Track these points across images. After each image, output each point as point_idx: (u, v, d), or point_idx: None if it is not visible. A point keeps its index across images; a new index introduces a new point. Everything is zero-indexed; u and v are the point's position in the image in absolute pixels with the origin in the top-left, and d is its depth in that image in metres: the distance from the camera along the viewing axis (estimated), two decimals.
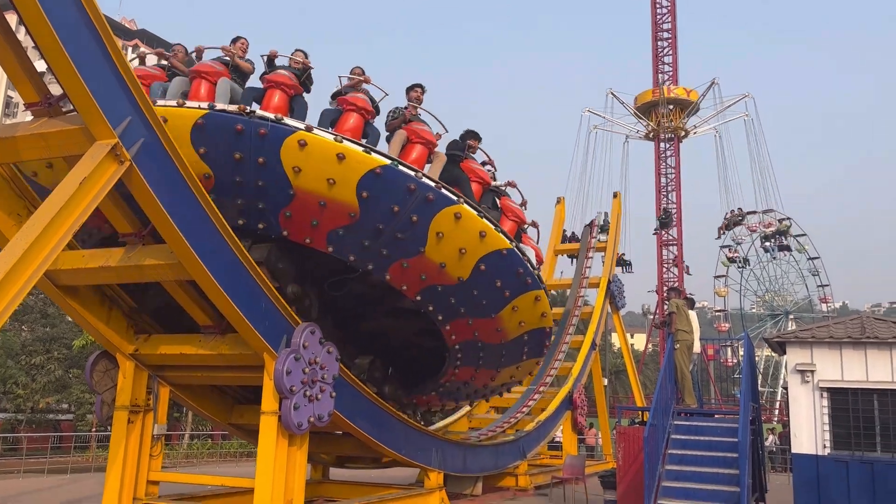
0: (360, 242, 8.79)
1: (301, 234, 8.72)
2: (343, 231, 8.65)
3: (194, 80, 9.20)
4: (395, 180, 8.57)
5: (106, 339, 8.93)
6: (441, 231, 8.86)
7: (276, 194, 8.37)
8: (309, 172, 8.24)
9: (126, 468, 9.19)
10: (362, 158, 8.43)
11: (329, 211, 8.46)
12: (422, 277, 9.19)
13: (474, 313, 9.98)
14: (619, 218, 24.48)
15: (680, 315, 12.83)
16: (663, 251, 49.53)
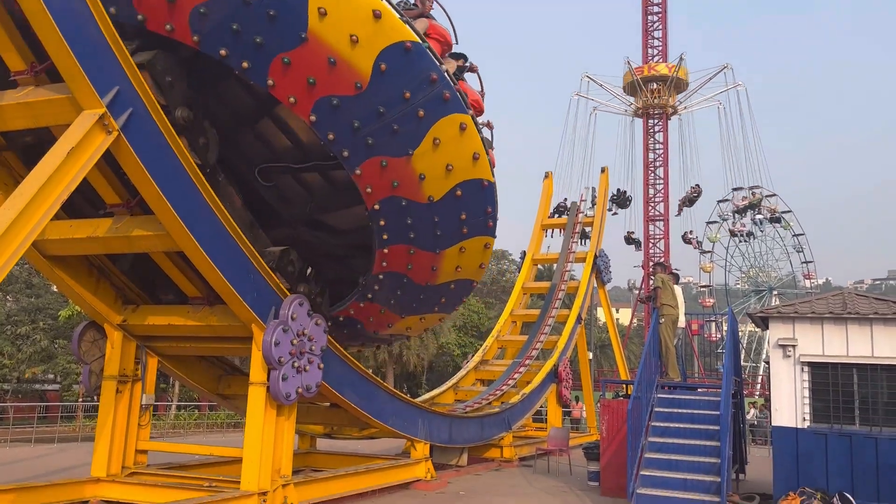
0: (349, 122, 7.66)
1: (289, 89, 7.45)
2: (339, 101, 7.52)
3: None
4: (420, 63, 7.64)
5: (94, 309, 8.93)
6: (439, 138, 7.94)
7: (285, 33, 7.13)
8: (334, 19, 7.11)
9: (115, 437, 9.25)
10: (398, 26, 7.47)
11: (336, 73, 7.31)
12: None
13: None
14: (606, 193, 24.53)
15: (665, 290, 12.96)
16: (650, 226, 49.76)
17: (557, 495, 11.37)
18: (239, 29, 7.05)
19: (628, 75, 50.70)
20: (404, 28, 7.60)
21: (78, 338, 9.31)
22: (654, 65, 49.93)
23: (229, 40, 7.11)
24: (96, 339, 9.40)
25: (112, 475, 9.15)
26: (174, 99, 7.49)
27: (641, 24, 51.67)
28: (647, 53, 51.11)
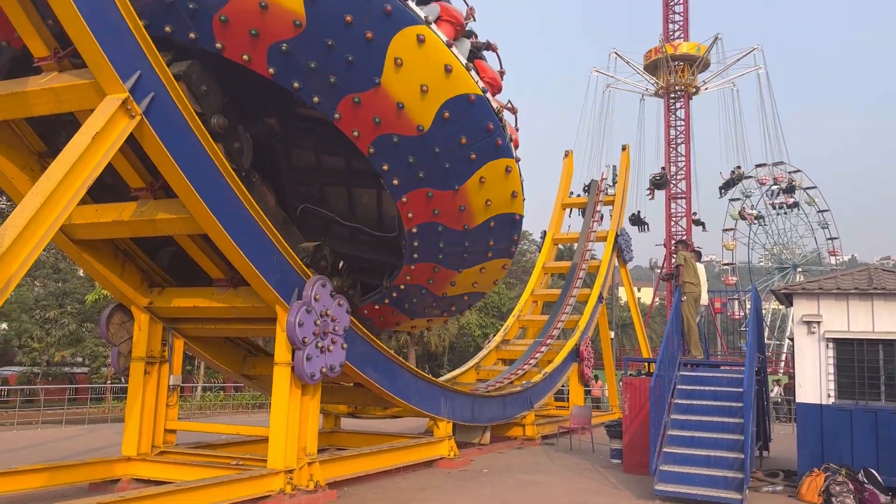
0: (305, 63, 7.47)
1: (238, 48, 7.34)
2: (287, 46, 7.33)
3: None
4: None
5: (121, 292, 9.09)
6: (400, 57, 7.56)
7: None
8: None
9: (144, 417, 9.44)
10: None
11: (271, 16, 7.12)
12: (376, 120, 7.88)
13: (436, 182, 8.64)
14: (627, 171, 24.32)
15: (687, 267, 12.90)
16: (671, 204, 49.32)
17: (580, 473, 11.43)
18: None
19: (650, 54, 50.05)
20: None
21: (106, 320, 9.48)
22: (678, 44, 49.22)
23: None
24: (124, 321, 9.57)
25: (142, 454, 9.35)
26: (209, 107, 7.72)
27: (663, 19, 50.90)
28: (668, 29, 50.39)
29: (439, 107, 7.96)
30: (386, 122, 7.89)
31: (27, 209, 5.51)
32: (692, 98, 50.52)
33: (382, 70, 7.53)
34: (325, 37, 7.30)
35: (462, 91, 8.04)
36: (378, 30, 7.37)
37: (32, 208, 5.51)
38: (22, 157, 7.74)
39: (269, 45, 7.30)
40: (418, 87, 7.77)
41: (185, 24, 7.21)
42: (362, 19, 7.27)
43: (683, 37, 49.98)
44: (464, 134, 8.37)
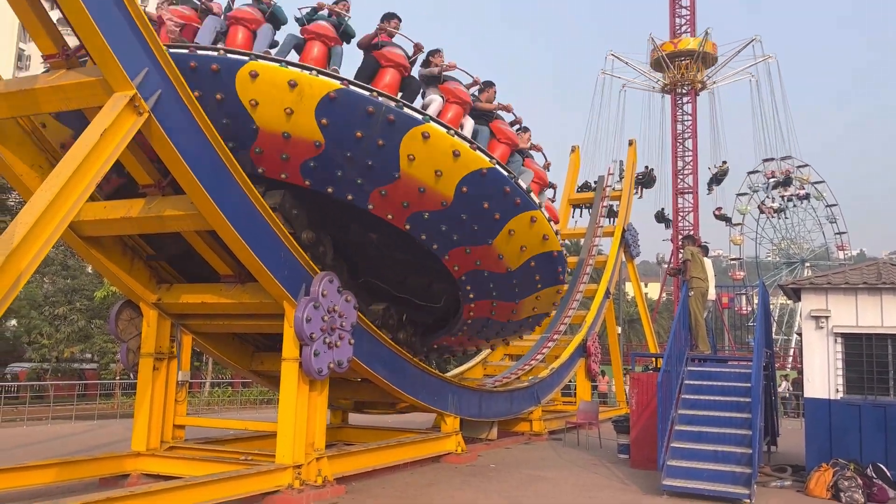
0: (333, 173, 8.57)
1: (276, 170, 8.53)
2: (314, 162, 8.44)
3: (232, 25, 8.90)
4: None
5: (129, 288, 9.13)
6: (411, 153, 8.49)
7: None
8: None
9: (153, 413, 9.50)
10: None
11: (294, 143, 8.26)
12: (404, 204, 8.91)
13: (469, 240, 9.64)
14: (634, 166, 24.28)
15: (695, 262, 12.86)
16: (679, 199, 49.19)
17: (588, 468, 11.44)
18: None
19: (655, 51, 49.91)
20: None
21: (115, 316, 9.54)
22: (680, 40, 49.04)
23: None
24: (132, 317, 9.62)
25: (151, 449, 9.40)
26: (300, 224, 9.11)
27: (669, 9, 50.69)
28: (675, 23, 50.21)
29: (456, 184, 8.90)
30: (413, 203, 8.97)
31: (37, 206, 5.54)
32: (699, 94, 50.34)
33: (399, 166, 8.54)
34: (344, 151, 8.34)
35: (473, 168, 8.94)
36: (387, 137, 8.34)
37: (42, 205, 5.54)
38: (31, 155, 7.78)
39: (299, 164, 8.46)
40: (433, 172, 8.69)
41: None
42: (371, 132, 8.28)
43: (690, 32, 49.80)
44: (484, 200, 9.29)
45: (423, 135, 8.48)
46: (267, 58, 8.13)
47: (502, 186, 9.36)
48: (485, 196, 9.23)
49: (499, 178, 9.28)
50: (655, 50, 49.54)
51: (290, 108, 8.02)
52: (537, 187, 10.85)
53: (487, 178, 9.07)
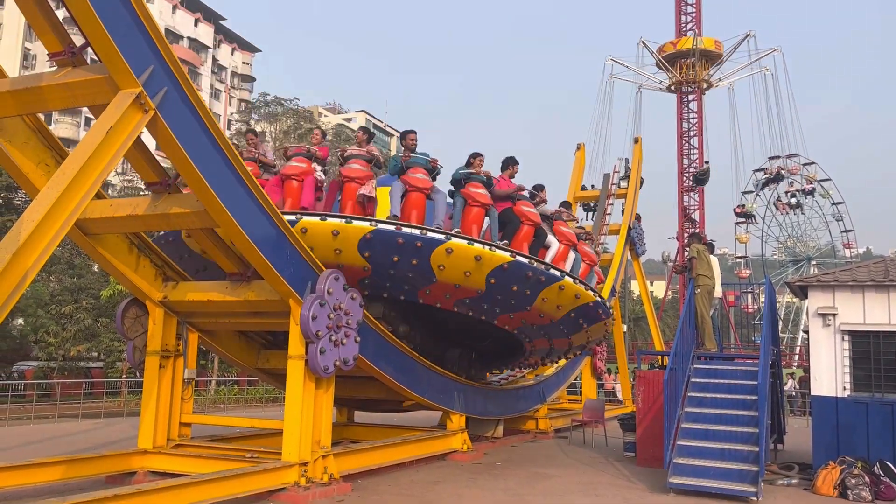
0: (481, 305, 10.86)
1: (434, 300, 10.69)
2: (469, 300, 10.71)
3: (413, 192, 10.57)
4: (517, 271, 10.39)
5: (135, 286, 9.14)
6: (441, 264, 9.96)
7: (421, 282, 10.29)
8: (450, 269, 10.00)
9: (159, 411, 9.51)
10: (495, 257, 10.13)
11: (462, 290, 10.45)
12: (447, 296, 10.62)
13: (510, 310, 11.10)
14: (640, 164, 24.17)
15: (701, 260, 12.83)
16: (685, 198, 49.07)
17: (594, 466, 11.42)
18: (391, 285, 10.33)
19: (668, 47, 49.87)
20: (500, 255, 10.23)
21: (121, 314, 9.55)
22: (680, 40, 49.02)
23: (388, 289, 10.42)
24: (139, 315, 9.64)
25: (158, 447, 9.42)
26: (395, 322, 11.24)
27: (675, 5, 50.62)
28: (681, 22, 50.12)
29: (484, 278, 10.25)
30: (454, 294, 10.57)
31: (43, 204, 5.54)
32: (705, 93, 50.26)
33: (434, 274, 10.05)
34: (387, 269, 9.91)
35: (495, 265, 10.23)
36: (418, 257, 9.80)
37: (48, 203, 5.54)
38: (37, 153, 7.77)
39: (456, 300, 10.62)
40: (463, 273, 10.12)
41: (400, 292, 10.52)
42: (405, 256, 9.71)
43: (697, 31, 49.68)
44: (513, 284, 10.56)
45: (447, 250, 9.91)
46: (459, 236, 10.12)
47: (524, 273, 10.60)
48: (512, 282, 10.53)
49: (520, 267, 10.50)
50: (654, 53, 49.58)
51: (468, 271, 10.07)
52: (587, 268, 13.08)
53: (509, 270, 10.36)
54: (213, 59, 74.82)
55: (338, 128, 54.34)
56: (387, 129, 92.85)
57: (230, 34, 79.28)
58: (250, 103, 61.88)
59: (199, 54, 72.34)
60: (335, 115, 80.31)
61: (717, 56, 50.18)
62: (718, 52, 50.08)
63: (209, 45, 74.13)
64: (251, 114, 50.99)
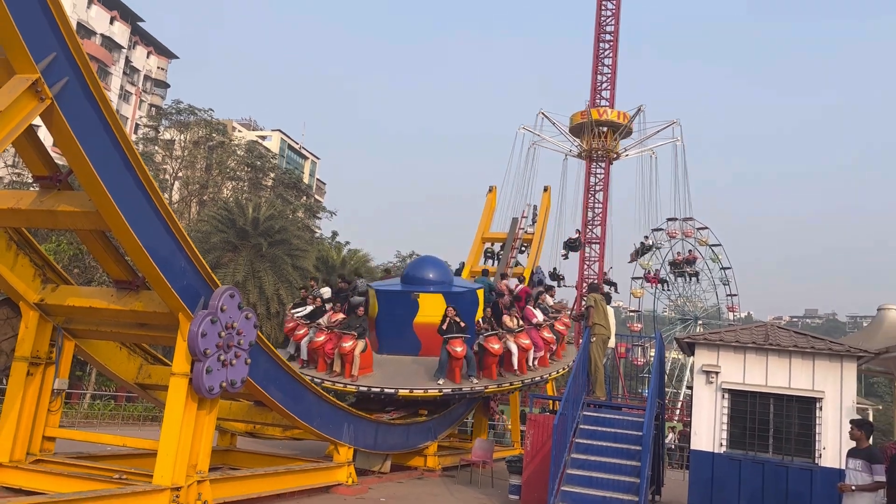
0: None
1: None
2: None
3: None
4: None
5: (10, 285, 8.48)
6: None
7: None
8: None
9: (21, 422, 8.80)
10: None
11: None
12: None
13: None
14: (547, 211, 24.85)
15: (598, 309, 13.15)
16: (586, 248, 50.68)
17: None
18: None
19: (577, 117, 52.06)
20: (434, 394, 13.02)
21: None
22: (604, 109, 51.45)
23: None
24: (10, 317, 8.93)
25: (15, 461, 8.68)
26: None
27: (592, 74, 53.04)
28: (596, 88, 52.49)
29: None
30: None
31: None
32: (612, 163, 52.64)
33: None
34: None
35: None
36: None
37: None
38: None
39: None
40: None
41: None
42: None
43: (609, 103, 52.14)
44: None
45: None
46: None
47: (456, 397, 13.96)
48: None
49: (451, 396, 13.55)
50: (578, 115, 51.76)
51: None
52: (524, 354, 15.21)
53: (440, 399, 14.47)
54: (126, 60, 72.09)
55: (251, 144, 53.22)
56: (301, 151, 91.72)
57: (147, 37, 76.78)
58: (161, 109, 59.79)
59: (111, 53, 69.56)
60: (249, 132, 78.72)
61: (623, 127, 52.76)
62: (625, 125, 52.63)
63: (123, 45, 71.47)
64: (161, 120, 49.26)
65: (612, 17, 53.22)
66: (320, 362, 14.79)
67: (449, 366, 14.33)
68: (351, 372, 14.23)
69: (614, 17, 53.05)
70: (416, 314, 15.65)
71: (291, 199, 47.41)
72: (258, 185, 46.67)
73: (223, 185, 44.54)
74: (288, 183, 50.21)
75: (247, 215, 30.15)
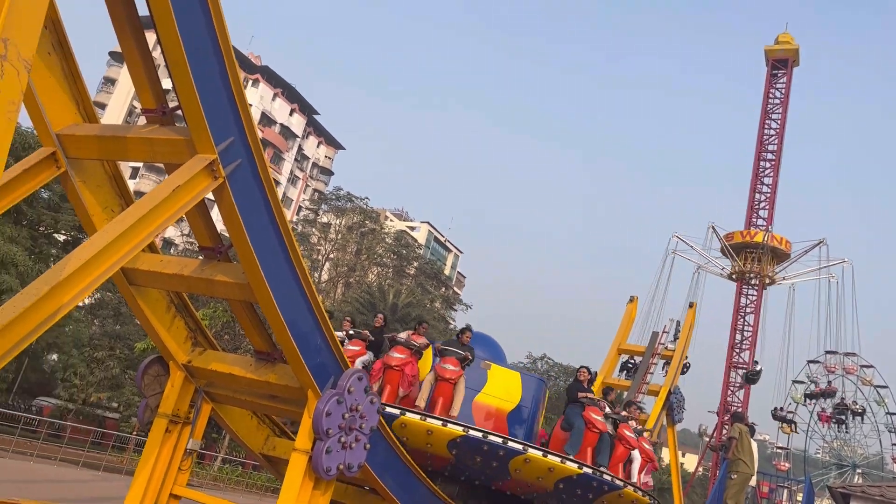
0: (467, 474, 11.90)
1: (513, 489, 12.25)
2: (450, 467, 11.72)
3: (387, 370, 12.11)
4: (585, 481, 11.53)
5: (164, 344, 9.12)
6: (518, 468, 11.23)
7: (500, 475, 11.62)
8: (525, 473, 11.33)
9: (154, 475, 9.23)
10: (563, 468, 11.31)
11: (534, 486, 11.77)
12: (518, 489, 12.02)
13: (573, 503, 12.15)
14: (691, 329, 23.68)
15: (741, 443, 12.19)
16: (731, 373, 47.59)
17: None
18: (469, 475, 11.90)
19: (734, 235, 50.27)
20: (571, 468, 11.33)
21: (143, 370, 9.49)
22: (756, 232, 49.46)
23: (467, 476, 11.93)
24: (160, 374, 9.56)
25: None
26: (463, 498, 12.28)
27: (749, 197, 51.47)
28: (752, 213, 50.61)
29: (553, 483, 11.52)
30: (524, 489, 12.03)
31: (94, 245, 5.65)
32: (766, 288, 49.93)
33: (510, 475, 11.45)
34: (470, 464, 11.44)
35: (566, 475, 11.41)
36: (499, 462, 11.18)
37: (99, 245, 5.64)
38: (107, 197, 8.02)
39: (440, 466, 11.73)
40: (536, 478, 11.44)
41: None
42: (487, 459, 11.10)
43: (767, 223, 50.05)
44: (577, 488, 11.71)
45: (525, 460, 11.16)
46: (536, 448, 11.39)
47: (590, 482, 11.69)
48: (577, 487, 11.67)
49: (587, 479, 11.62)
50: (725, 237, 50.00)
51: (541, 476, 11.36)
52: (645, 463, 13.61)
53: (577, 479, 11.51)
54: (298, 148, 78.46)
55: (399, 233, 55.47)
56: (446, 244, 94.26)
57: (320, 128, 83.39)
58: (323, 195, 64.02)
59: (286, 140, 76.04)
60: (400, 221, 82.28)
61: (783, 254, 50.09)
62: (786, 252, 49.99)
63: (298, 135, 77.98)
64: (321, 204, 52.66)
65: (775, 136, 51.70)
66: (389, 389, 11.97)
67: (583, 442, 12.08)
68: (450, 411, 11.75)
69: (777, 135, 51.48)
70: (481, 390, 13.12)
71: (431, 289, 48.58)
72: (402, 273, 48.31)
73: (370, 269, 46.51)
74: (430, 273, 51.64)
75: (387, 300, 31.19)
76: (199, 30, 6.17)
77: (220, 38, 6.35)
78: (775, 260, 49.77)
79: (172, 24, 5.87)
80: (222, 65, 6.47)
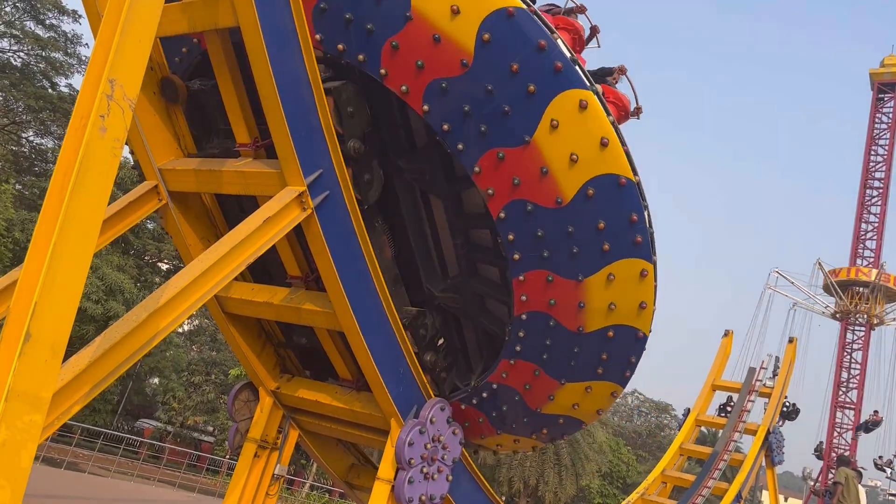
0: (460, 106, 7.12)
1: (400, 78, 7.15)
2: (447, 84, 7.04)
3: None
4: (526, 30, 6.96)
5: (254, 370, 9.39)
6: (557, 119, 7.02)
7: (390, 14, 7.00)
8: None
9: (243, 499, 9.44)
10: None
11: (440, 51, 6.94)
12: (514, 181, 7.25)
13: (560, 266, 7.66)
14: (791, 365, 22.52)
15: (848, 489, 11.40)
16: (837, 413, 44.80)
17: None
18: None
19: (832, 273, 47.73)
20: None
21: (234, 395, 9.78)
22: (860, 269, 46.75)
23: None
24: (249, 399, 9.83)
25: None
26: (351, 130, 7.55)
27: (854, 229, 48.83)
28: (859, 237, 47.92)
29: (585, 182, 7.23)
30: (525, 185, 7.28)
31: (189, 274, 5.89)
32: (874, 329, 46.96)
33: (536, 128, 7.01)
34: (487, 82, 6.97)
35: (613, 171, 7.27)
36: (542, 84, 6.94)
37: (194, 274, 5.89)
38: (204, 229, 8.42)
39: (430, 80, 7.07)
40: (568, 154, 7.11)
41: (358, 44, 7.18)
42: (529, 71, 6.90)
43: (875, 256, 47.28)
44: (603, 218, 7.43)
45: (582, 102, 6.99)
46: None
47: (631, 212, 7.51)
48: (606, 213, 7.46)
49: (632, 198, 7.47)
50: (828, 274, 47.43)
51: (457, 5, 6.82)
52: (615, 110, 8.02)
53: (623, 191, 7.37)
54: None
55: None
56: None
57: None
58: None
59: None
60: None
61: (893, 293, 47.05)
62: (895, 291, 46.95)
63: None
64: None
65: (882, 162, 48.99)
66: None
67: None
68: None
69: (885, 162, 48.76)
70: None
71: None
72: None
73: None
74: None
75: None
76: (291, 65, 6.42)
77: (310, 73, 6.59)
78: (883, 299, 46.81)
79: (265, 59, 6.14)
80: (311, 98, 6.70)
